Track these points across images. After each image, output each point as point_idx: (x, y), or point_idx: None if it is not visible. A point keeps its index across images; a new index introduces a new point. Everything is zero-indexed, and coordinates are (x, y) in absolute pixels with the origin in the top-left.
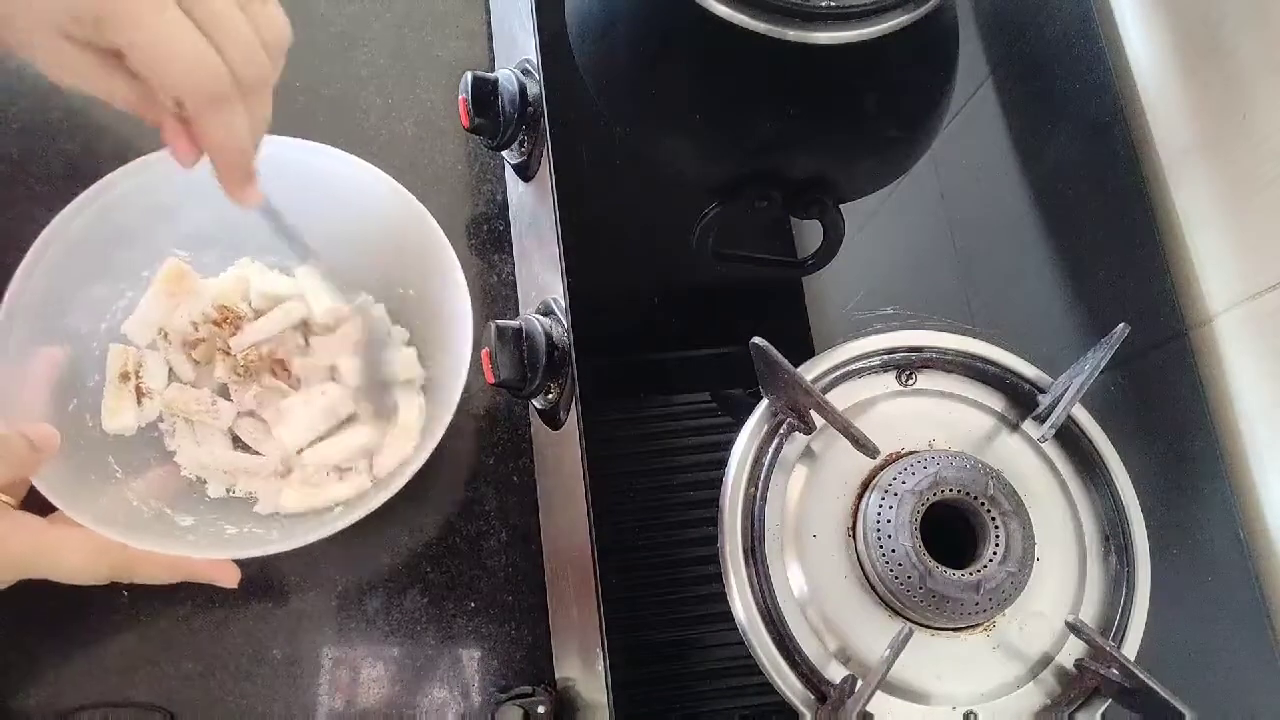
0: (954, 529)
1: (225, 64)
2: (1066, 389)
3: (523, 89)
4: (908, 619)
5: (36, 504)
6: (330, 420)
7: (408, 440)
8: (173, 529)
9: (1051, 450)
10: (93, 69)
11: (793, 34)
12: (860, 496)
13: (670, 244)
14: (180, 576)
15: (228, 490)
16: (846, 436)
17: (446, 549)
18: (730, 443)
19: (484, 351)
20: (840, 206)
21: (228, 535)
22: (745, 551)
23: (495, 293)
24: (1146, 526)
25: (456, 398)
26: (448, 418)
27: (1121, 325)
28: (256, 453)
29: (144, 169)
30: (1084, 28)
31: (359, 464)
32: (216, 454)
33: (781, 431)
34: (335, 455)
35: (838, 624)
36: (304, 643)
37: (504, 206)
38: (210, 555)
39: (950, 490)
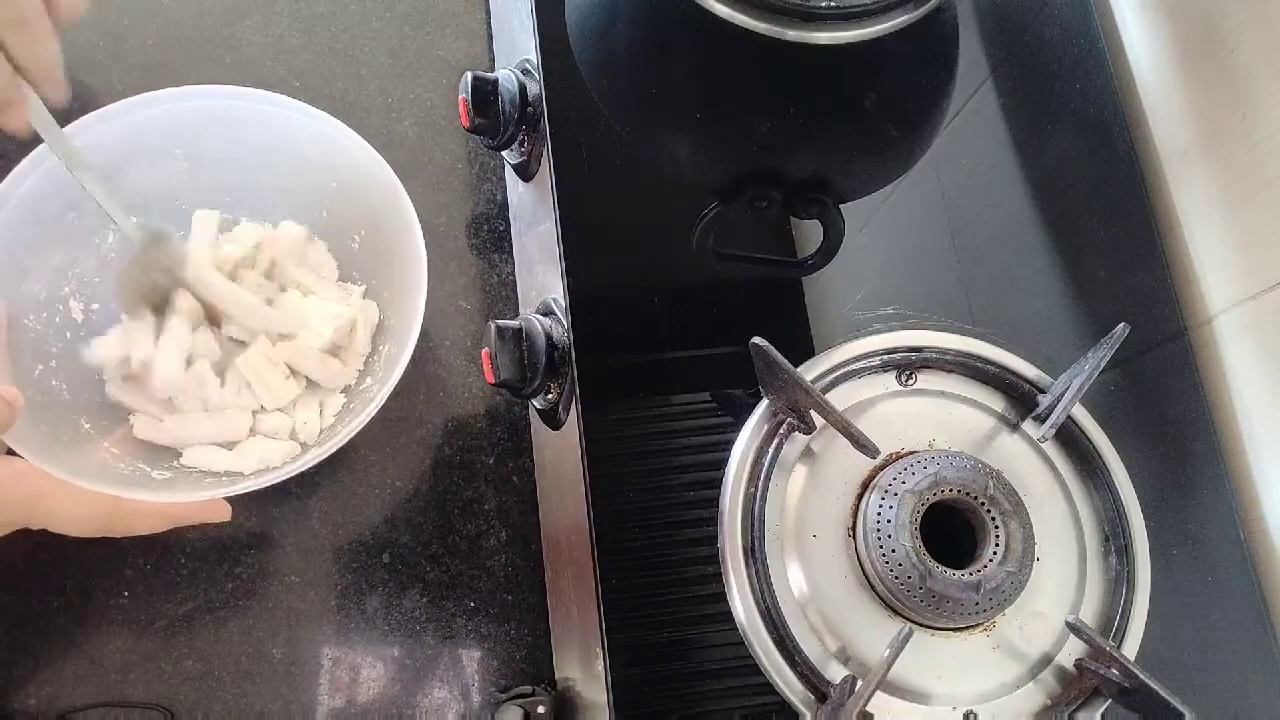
0: (954, 529)
1: None
2: (1066, 389)
3: (523, 89)
4: (908, 619)
5: None
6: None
7: (345, 374)
8: (150, 481)
9: (1051, 450)
10: None
11: (793, 34)
12: (860, 496)
13: (670, 244)
14: (173, 523)
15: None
16: (846, 436)
17: (446, 549)
18: (730, 443)
19: (484, 351)
20: (840, 206)
21: (205, 483)
22: (745, 551)
23: (495, 293)
24: (1146, 526)
25: (417, 325)
26: (408, 351)
27: (1121, 325)
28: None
29: (81, 132)
30: (1084, 28)
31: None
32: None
33: (781, 431)
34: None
35: (838, 624)
36: (303, 642)
37: (504, 206)
38: (194, 498)
39: (950, 490)
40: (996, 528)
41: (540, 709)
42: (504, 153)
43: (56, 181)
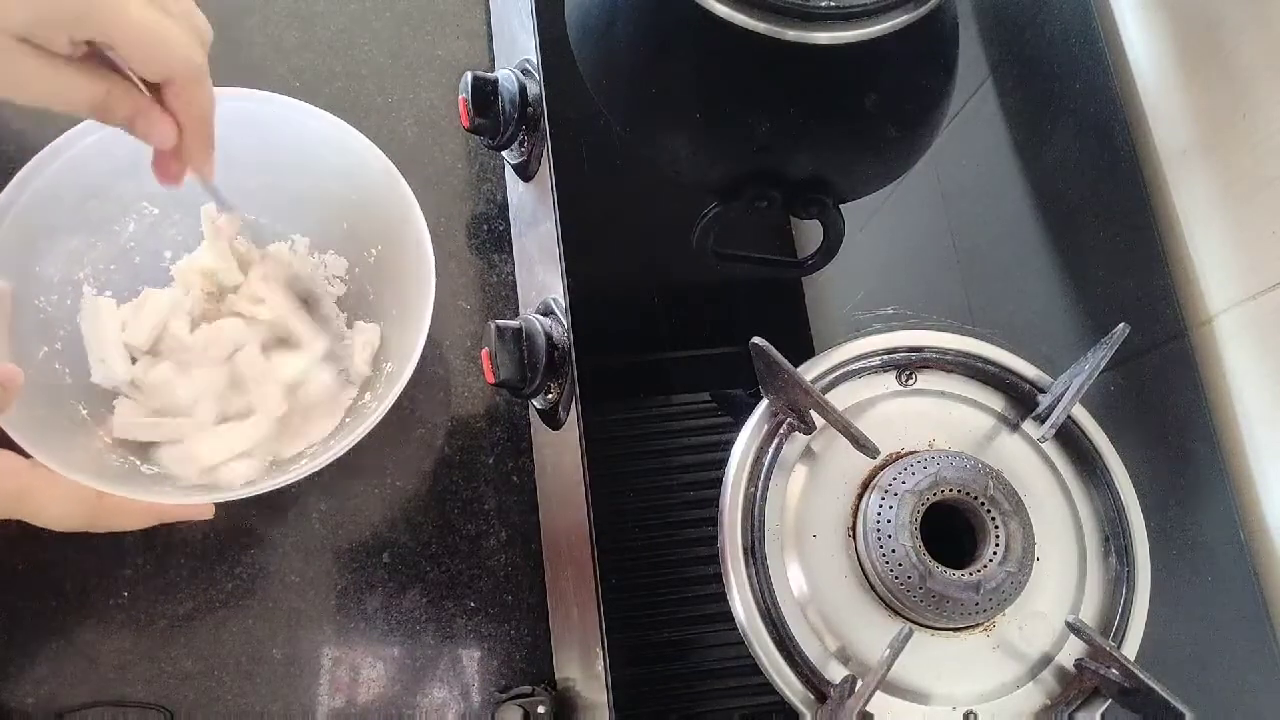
0: (954, 529)
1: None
2: (1066, 389)
3: (523, 89)
4: (908, 619)
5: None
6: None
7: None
8: (140, 477)
9: (1051, 450)
10: (48, 73)
11: (793, 34)
12: (860, 496)
13: (670, 244)
14: (156, 520)
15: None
16: (846, 436)
17: (446, 549)
18: (730, 443)
19: (484, 351)
20: (840, 206)
21: (194, 483)
22: (745, 551)
23: (495, 293)
24: (1146, 526)
25: (418, 350)
26: (406, 374)
27: (1121, 325)
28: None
29: (100, 125)
30: (1084, 28)
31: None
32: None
33: (781, 431)
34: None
35: (838, 624)
36: (303, 642)
37: (504, 206)
38: (179, 501)
39: (950, 490)
40: (996, 528)
41: (540, 709)
42: (504, 153)
43: (77, 169)
